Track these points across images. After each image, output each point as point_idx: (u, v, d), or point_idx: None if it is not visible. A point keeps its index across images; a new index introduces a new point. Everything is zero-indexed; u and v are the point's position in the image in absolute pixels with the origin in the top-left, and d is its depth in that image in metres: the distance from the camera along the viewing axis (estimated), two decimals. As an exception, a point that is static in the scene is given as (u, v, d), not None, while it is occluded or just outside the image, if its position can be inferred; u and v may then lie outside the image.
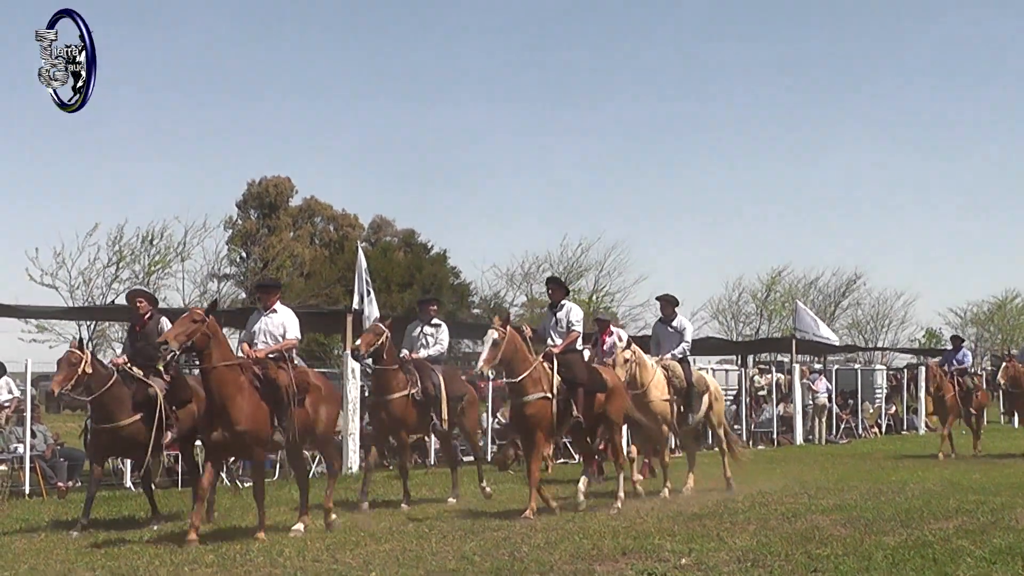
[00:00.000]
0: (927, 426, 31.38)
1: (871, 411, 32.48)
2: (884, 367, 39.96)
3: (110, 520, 12.86)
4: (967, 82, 78.62)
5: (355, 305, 19.61)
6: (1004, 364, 23.88)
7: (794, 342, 29.33)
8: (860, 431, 30.06)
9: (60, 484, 15.86)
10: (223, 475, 15.92)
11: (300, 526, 11.42)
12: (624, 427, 14.68)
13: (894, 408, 33.19)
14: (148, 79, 62.59)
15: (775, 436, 26.99)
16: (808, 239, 76.73)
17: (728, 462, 15.85)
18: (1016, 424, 30.75)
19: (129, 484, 16.49)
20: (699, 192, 78.35)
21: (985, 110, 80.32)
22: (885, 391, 33.71)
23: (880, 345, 55.91)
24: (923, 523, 11.73)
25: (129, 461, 16.14)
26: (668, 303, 15.85)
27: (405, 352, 14.78)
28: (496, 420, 21.81)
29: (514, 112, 77.07)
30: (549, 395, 12.69)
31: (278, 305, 11.97)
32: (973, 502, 13.52)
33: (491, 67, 75.15)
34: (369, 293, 19.41)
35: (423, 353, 14.79)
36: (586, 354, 14.57)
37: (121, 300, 30.63)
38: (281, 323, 11.75)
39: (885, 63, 78.70)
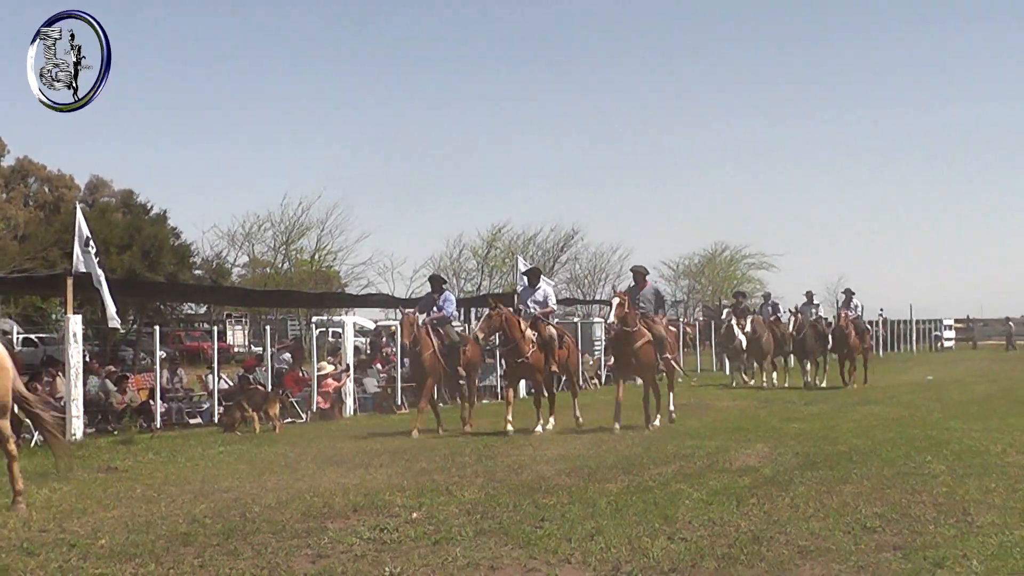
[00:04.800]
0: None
1: (591, 363, 33.37)
2: (602, 320, 41.17)
3: None
4: (688, 45, 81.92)
5: (75, 268, 18.61)
6: (614, 300, 18.28)
7: (516, 296, 29.73)
8: (581, 383, 30.81)
9: None
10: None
11: None
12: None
13: (612, 359, 34.09)
14: None
15: (500, 390, 27.35)
16: (527, 196, 78.56)
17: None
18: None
19: None
20: (419, 151, 78.68)
21: (711, 75, 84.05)
22: (604, 343, 34.58)
23: (598, 298, 57.91)
24: (644, 469, 12.16)
25: None
26: None
27: None
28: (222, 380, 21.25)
29: (231, 63, 74.89)
30: None
31: None
32: (690, 447, 14.12)
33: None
34: (94, 254, 18.39)
35: None
36: None
37: None
38: None
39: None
